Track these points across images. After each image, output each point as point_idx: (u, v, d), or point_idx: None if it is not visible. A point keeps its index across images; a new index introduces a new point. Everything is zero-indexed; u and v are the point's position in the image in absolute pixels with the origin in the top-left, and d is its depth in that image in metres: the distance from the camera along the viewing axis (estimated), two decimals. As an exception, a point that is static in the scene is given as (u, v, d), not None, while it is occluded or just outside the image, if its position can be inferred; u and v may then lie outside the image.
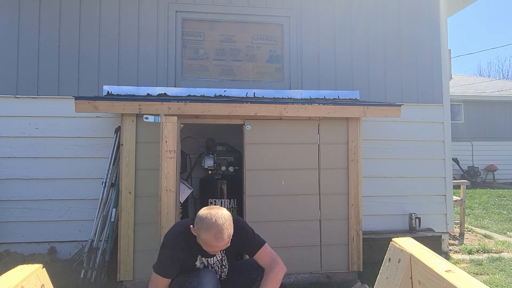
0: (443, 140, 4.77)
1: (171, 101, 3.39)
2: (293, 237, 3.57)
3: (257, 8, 4.59)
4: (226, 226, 2.13)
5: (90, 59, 4.27)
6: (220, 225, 2.11)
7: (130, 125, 3.44)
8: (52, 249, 4.07)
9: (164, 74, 4.37)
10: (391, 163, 4.66)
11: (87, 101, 3.33)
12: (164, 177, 2.92)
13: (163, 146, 2.91)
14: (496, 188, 11.60)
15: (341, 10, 4.75)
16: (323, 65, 4.65)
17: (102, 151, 4.14)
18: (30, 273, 0.98)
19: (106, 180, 3.78)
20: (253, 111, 3.45)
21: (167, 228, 2.86)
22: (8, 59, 4.16)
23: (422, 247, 1.06)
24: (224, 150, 4.24)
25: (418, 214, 4.54)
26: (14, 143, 4.11)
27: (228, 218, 2.18)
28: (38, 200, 4.10)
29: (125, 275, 3.35)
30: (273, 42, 4.66)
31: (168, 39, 4.40)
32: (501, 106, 13.81)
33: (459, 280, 0.82)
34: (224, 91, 4.26)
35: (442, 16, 4.89)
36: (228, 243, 2.18)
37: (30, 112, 4.14)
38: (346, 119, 3.70)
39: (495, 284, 3.58)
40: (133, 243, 3.38)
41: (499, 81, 19.50)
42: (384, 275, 1.09)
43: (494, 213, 7.36)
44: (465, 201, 5.82)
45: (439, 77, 4.83)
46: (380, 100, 4.58)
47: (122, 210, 3.39)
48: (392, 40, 4.79)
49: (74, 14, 4.28)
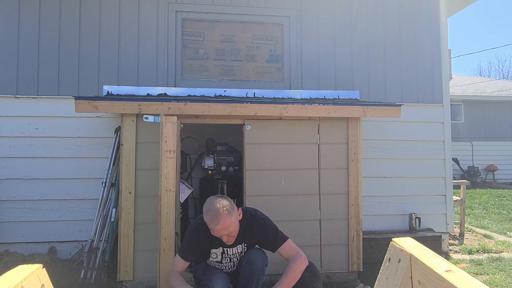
0: (443, 140, 4.77)
1: (171, 101, 3.39)
2: (293, 237, 3.52)
3: (257, 8, 4.59)
4: (224, 211, 2.33)
5: (90, 59, 4.27)
6: (217, 209, 2.33)
7: (130, 125, 3.44)
8: (52, 249, 4.07)
9: (164, 74, 4.37)
10: (391, 163, 4.66)
11: (87, 101, 3.33)
12: (164, 177, 2.92)
13: (163, 146, 2.91)
14: (496, 188, 11.60)
15: (341, 10, 4.75)
16: (323, 65, 4.65)
17: (102, 151, 4.14)
18: (30, 273, 0.98)
19: (106, 180, 3.78)
20: (253, 111, 3.45)
21: (167, 228, 2.87)
22: (8, 59, 4.16)
23: (422, 247, 1.06)
24: (224, 150, 4.25)
25: (418, 214, 4.54)
26: (14, 143, 4.11)
27: (226, 205, 2.38)
28: (38, 200, 4.10)
29: (125, 275, 3.35)
30: (273, 42, 4.66)
31: (168, 39, 4.40)
32: (501, 106, 13.81)
33: (459, 280, 0.82)
34: (224, 91, 4.26)
35: (442, 16, 4.89)
36: (228, 229, 2.36)
37: (30, 112, 4.14)
38: (346, 119, 3.70)
39: (495, 284, 3.58)
40: (133, 243, 3.38)
41: (499, 81, 19.51)
42: (384, 275, 1.09)
43: (494, 213, 7.36)
44: (465, 201, 5.83)
45: (439, 77, 4.82)
46: (380, 100, 4.58)
47: (122, 210, 3.39)
48: (392, 40, 4.79)
49: (74, 14, 4.28)
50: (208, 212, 2.36)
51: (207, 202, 2.43)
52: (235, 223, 2.42)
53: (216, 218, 2.31)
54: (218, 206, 2.35)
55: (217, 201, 2.39)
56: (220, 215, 2.31)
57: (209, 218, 2.34)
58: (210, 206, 2.37)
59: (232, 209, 2.39)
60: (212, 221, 2.32)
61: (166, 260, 2.87)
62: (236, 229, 2.45)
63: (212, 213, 2.33)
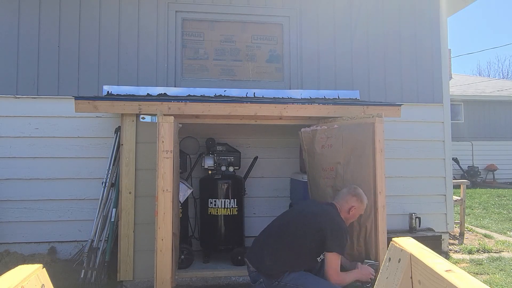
0: (443, 140, 4.77)
1: (171, 101, 3.39)
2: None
3: (257, 8, 4.59)
4: None
5: (90, 59, 4.27)
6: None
7: (130, 125, 3.44)
8: (52, 249, 4.07)
9: (164, 74, 4.37)
10: (391, 163, 4.63)
11: (87, 101, 3.33)
12: (161, 177, 2.91)
13: (160, 146, 2.91)
14: (496, 187, 11.59)
15: (341, 10, 4.75)
16: (323, 65, 4.65)
17: (102, 151, 4.14)
18: (30, 273, 0.98)
19: (106, 180, 3.78)
20: (253, 111, 3.45)
21: (164, 228, 2.85)
22: (8, 59, 4.16)
23: (422, 246, 1.06)
24: (224, 150, 4.24)
25: (418, 214, 4.54)
26: (14, 143, 4.11)
27: None
28: (38, 200, 4.10)
29: (125, 275, 3.35)
30: (273, 42, 4.66)
31: (168, 39, 4.40)
32: (501, 106, 13.79)
33: (459, 279, 0.82)
34: (224, 91, 4.26)
35: (442, 16, 4.89)
36: None
37: (30, 112, 4.14)
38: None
39: (495, 284, 3.57)
40: (133, 243, 3.38)
41: (499, 80, 19.51)
42: (384, 275, 1.09)
43: (494, 212, 7.36)
44: (465, 201, 5.82)
45: (439, 77, 4.82)
46: (380, 100, 4.58)
47: (122, 210, 3.39)
48: (392, 40, 4.79)
49: (74, 14, 4.28)
50: (364, 200, 2.90)
51: (362, 195, 2.90)
52: None
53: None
54: None
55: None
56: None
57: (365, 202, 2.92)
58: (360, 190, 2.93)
59: None
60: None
61: (163, 260, 2.84)
62: None
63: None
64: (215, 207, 4.00)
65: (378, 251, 2.98)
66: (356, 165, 3.20)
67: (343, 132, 3.35)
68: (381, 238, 2.99)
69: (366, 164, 3.11)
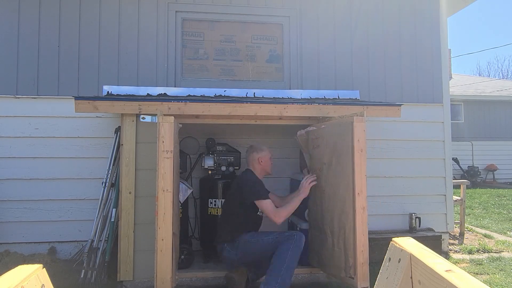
0: (443, 140, 4.77)
1: (171, 101, 3.39)
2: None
3: (257, 8, 4.59)
4: None
5: (90, 59, 4.27)
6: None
7: (130, 125, 3.44)
8: (52, 249, 4.07)
9: (164, 74, 4.37)
10: (391, 162, 4.65)
11: (87, 101, 3.33)
12: (161, 177, 2.91)
13: (160, 146, 2.91)
14: (496, 187, 11.59)
15: (341, 10, 4.74)
16: (323, 65, 4.65)
17: (102, 151, 4.14)
18: (30, 273, 0.98)
19: (106, 180, 3.78)
20: (253, 111, 3.45)
21: (164, 228, 2.85)
22: (8, 59, 4.16)
23: (422, 246, 1.06)
24: (224, 150, 4.24)
25: (418, 214, 4.53)
26: (14, 143, 4.11)
27: None
28: (38, 200, 4.10)
29: (125, 275, 3.35)
30: (273, 42, 4.66)
31: (168, 39, 4.40)
32: (501, 106, 13.80)
33: (459, 279, 0.82)
34: (224, 91, 4.26)
35: (442, 16, 4.89)
36: None
37: (30, 112, 4.14)
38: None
39: (495, 284, 3.57)
40: (133, 243, 3.38)
41: (499, 80, 19.52)
42: (384, 275, 1.09)
43: (494, 212, 7.36)
44: (465, 201, 5.82)
45: (439, 77, 4.82)
46: (380, 99, 4.58)
47: (122, 210, 3.39)
48: (392, 40, 4.79)
49: (74, 14, 4.28)
50: (263, 148, 3.45)
51: (257, 147, 3.46)
52: None
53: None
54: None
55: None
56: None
57: (266, 149, 3.47)
58: (260, 145, 3.50)
59: None
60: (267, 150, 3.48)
61: (163, 260, 2.84)
62: None
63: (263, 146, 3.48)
64: (215, 207, 4.00)
65: (356, 254, 2.89)
66: (337, 165, 3.14)
67: (327, 132, 3.34)
68: (361, 239, 2.89)
69: (346, 165, 3.03)
